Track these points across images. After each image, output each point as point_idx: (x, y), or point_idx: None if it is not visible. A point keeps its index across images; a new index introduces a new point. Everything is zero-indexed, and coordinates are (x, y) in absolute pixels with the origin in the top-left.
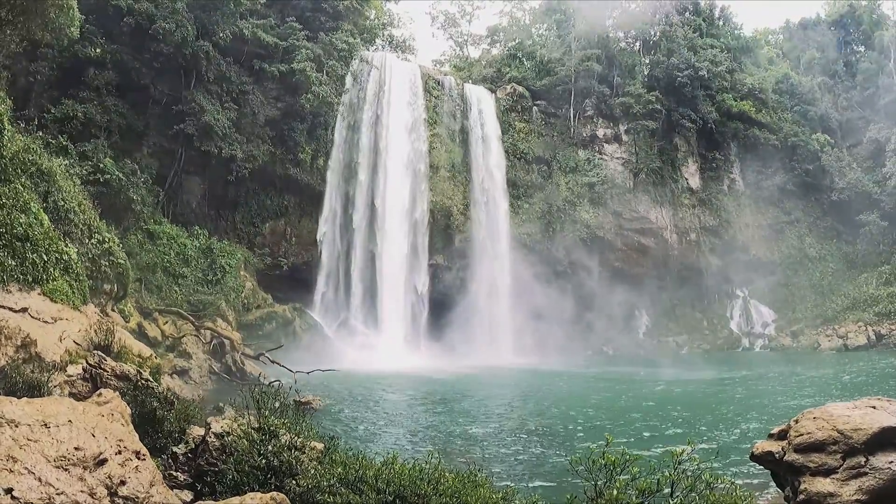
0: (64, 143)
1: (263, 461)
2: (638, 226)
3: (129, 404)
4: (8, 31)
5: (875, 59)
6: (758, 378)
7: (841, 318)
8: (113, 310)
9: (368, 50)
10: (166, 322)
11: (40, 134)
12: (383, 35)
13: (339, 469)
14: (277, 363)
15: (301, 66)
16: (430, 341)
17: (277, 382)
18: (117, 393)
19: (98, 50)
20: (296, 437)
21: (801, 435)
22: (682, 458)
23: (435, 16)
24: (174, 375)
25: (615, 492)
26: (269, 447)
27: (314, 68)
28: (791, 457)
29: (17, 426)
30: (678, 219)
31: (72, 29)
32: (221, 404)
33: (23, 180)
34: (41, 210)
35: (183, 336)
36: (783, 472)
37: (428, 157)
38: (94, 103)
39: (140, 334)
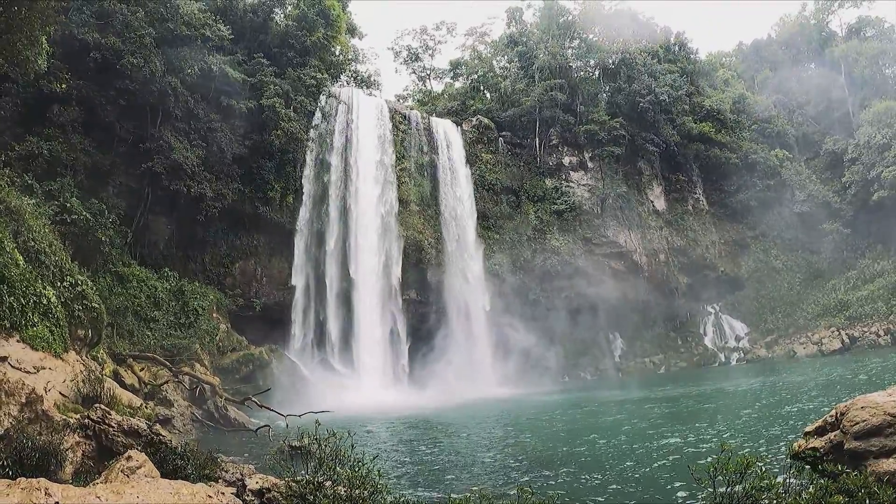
0: (29, 181)
1: None
2: (608, 250)
3: None
4: None
5: (826, 74)
6: (750, 388)
7: (813, 325)
8: (87, 356)
9: (335, 85)
10: (142, 368)
11: (7, 171)
12: (348, 71)
13: None
14: (267, 407)
15: (270, 102)
16: (409, 377)
17: (267, 427)
18: (143, 454)
19: (63, 85)
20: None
21: (857, 423)
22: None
23: (398, 51)
24: (157, 424)
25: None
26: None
27: (283, 104)
28: (851, 445)
29: None
30: (646, 241)
31: (39, 61)
32: (214, 454)
33: None
34: (15, 250)
35: (163, 383)
36: (843, 461)
37: (397, 191)
38: (59, 141)
39: (117, 382)
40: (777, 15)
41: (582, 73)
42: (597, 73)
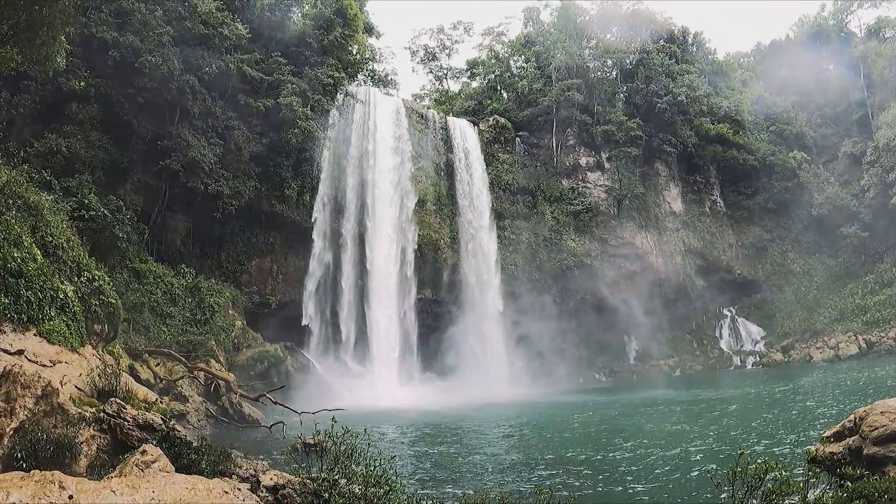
0: (48, 178)
1: None
2: (624, 251)
3: None
4: (7, 47)
5: (845, 75)
6: (767, 392)
7: (830, 329)
8: (103, 351)
9: (352, 84)
10: (157, 364)
11: (25, 168)
12: (365, 70)
13: None
14: (281, 404)
15: (287, 101)
16: (423, 377)
17: (281, 424)
18: (158, 448)
19: (82, 83)
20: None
21: (877, 429)
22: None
23: (415, 50)
24: (172, 420)
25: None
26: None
27: (300, 103)
28: (870, 450)
29: None
30: (663, 242)
31: (58, 58)
32: (229, 449)
33: (13, 213)
34: (33, 245)
35: (178, 378)
36: (862, 467)
37: (414, 191)
38: (77, 138)
39: (133, 377)
40: (795, 15)
41: (599, 73)
42: (614, 73)
